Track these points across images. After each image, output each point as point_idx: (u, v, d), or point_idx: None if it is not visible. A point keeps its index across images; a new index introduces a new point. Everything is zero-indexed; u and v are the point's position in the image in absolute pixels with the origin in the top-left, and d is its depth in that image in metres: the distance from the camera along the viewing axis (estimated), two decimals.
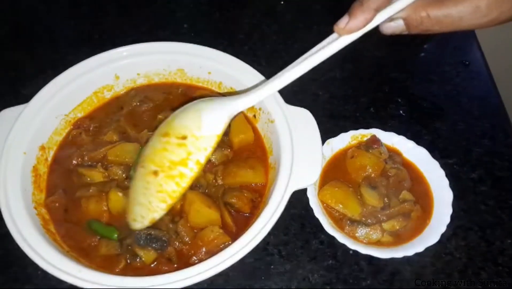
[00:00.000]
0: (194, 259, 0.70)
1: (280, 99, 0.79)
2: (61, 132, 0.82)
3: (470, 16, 0.60)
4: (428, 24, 0.61)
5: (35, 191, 0.74)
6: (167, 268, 0.68)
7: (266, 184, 0.77)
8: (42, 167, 0.77)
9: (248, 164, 0.78)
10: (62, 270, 0.63)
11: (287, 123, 0.76)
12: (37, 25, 1.07)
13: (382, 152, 0.80)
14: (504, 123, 0.90)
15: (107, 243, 0.70)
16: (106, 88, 0.86)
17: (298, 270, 0.74)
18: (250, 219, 0.73)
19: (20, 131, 0.75)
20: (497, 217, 0.79)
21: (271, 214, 0.67)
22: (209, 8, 1.10)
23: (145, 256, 0.69)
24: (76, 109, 0.83)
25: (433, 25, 0.61)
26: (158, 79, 0.88)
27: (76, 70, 0.82)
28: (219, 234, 0.70)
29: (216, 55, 0.84)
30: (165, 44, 0.86)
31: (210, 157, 0.64)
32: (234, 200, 0.74)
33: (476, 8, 0.59)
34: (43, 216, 0.72)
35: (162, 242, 0.69)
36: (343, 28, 0.60)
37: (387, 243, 0.74)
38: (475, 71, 0.98)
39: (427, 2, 0.61)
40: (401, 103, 0.93)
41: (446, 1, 0.60)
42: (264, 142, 0.81)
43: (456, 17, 0.60)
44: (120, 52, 0.84)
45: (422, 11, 0.61)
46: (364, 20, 0.60)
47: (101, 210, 0.73)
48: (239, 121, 0.82)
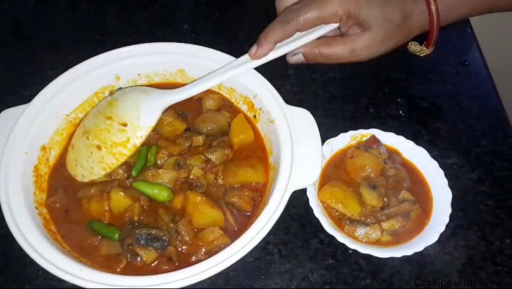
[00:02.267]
0: (194, 258, 0.70)
1: (280, 100, 0.79)
2: (62, 133, 0.82)
3: (348, 56, 0.82)
4: (320, 59, 0.83)
5: (37, 191, 0.74)
6: (167, 268, 0.69)
7: (266, 183, 0.77)
8: (43, 167, 0.77)
9: (248, 163, 0.78)
10: (64, 270, 0.63)
11: (287, 124, 0.77)
12: (37, 25, 1.07)
13: (381, 152, 0.80)
14: (503, 123, 0.90)
15: (108, 243, 0.70)
16: (107, 89, 0.86)
17: (298, 269, 0.74)
18: (251, 218, 0.73)
19: (21, 132, 0.75)
20: (496, 216, 0.79)
21: (271, 213, 0.67)
22: (209, 8, 1.10)
23: (145, 255, 0.69)
24: (77, 110, 0.83)
25: (323, 59, 0.83)
26: (158, 79, 0.89)
27: (76, 71, 0.82)
28: (219, 235, 0.70)
29: (217, 56, 0.84)
30: (166, 44, 0.86)
31: (143, 142, 0.77)
32: (236, 199, 0.74)
33: (352, 50, 0.81)
34: (44, 216, 0.72)
35: (163, 241, 0.69)
36: (254, 54, 0.80)
37: (386, 242, 0.74)
38: (475, 71, 0.98)
39: (319, 42, 0.82)
40: (401, 103, 0.93)
41: (332, 42, 0.82)
42: (264, 142, 0.82)
43: (339, 55, 0.82)
44: (120, 52, 0.85)
45: (315, 48, 0.82)
46: (267, 49, 0.79)
47: (103, 210, 0.73)
48: (239, 121, 0.82)
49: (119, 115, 0.78)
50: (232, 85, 0.85)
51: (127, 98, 0.79)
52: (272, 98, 0.80)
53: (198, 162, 0.78)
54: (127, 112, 0.78)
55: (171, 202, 0.75)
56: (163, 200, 0.74)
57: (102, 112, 0.79)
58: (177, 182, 0.76)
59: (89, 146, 0.77)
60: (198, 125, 0.82)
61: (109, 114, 0.78)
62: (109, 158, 0.76)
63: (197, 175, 0.76)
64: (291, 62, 0.86)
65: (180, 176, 0.76)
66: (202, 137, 0.81)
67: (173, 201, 0.75)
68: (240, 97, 0.85)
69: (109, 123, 0.77)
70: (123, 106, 0.78)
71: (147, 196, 0.74)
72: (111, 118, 0.78)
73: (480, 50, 1.01)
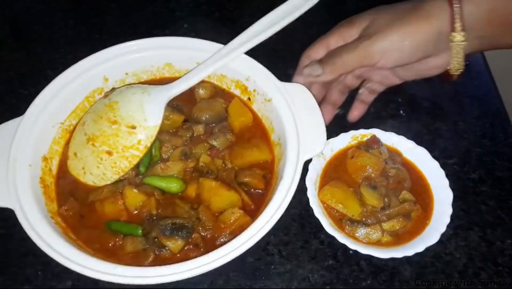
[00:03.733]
0: (220, 241, 0.71)
1: (274, 78, 0.80)
2: (59, 141, 0.81)
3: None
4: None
5: (47, 201, 0.74)
6: (195, 254, 0.69)
7: (273, 160, 0.79)
8: (48, 178, 0.77)
9: (252, 143, 0.80)
10: (99, 271, 0.63)
11: (285, 100, 0.78)
12: (36, 25, 1.07)
13: (382, 152, 0.80)
14: (504, 123, 0.90)
15: (132, 240, 0.70)
16: (97, 92, 0.85)
17: (298, 270, 0.74)
18: (265, 195, 0.75)
19: (21, 145, 0.74)
20: (497, 217, 0.79)
21: (289, 185, 0.69)
22: (209, 8, 1.10)
23: (173, 245, 0.69)
24: (70, 116, 0.83)
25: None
26: (146, 76, 0.88)
27: (64, 78, 0.81)
28: (240, 214, 0.71)
29: (202, 45, 0.84)
30: (149, 40, 0.86)
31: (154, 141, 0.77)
32: (248, 178, 0.75)
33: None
34: (60, 224, 0.72)
35: (188, 229, 0.70)
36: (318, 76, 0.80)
37: (387, 243, 0.74)
38: (476, 71, 0.97)
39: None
40: (401, 103, 0.93)
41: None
42: (263, 122, 0.83)
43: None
44: (105, 53, 0.84)
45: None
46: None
47: (119, 209, 0.74)
48: (236, 105, 0.83)
49: (125, 118, 0.76)
50: (222, 71, 0.85)
51: (129, 100, 0.78)
52: (266, 78, 0.81)
53: (203, 150, 0.79)
54: (133, 114, 0.77)
55: (184, 192, 0.76)
56: (176, 191, 0.75)
57: (104, 117, 0.77)
58: (187, 172, 0.77)
59: (97, 153, 0.76)
60: (196, 115, 0.83)
61: (113, 119, 0.76)
62: (122, 162, 0.76)
63: (206, 162, 0.77)
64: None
65: (188, 165, 0.77)
66: (202, 126, 0.82)
67: (187, 191, 0.76)
68: (231, 82, 0.85)
69: (116, 127, 0.76)
70: (126, 109, 0.77)
71: (160, 189, 0.75)
72: (116, 122, 0.76)
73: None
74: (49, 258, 0.65)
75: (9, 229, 0.76)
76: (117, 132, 0.76)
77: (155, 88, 0.80)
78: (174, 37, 0.86)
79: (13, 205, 0.68)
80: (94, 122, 0.78)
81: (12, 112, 0.78)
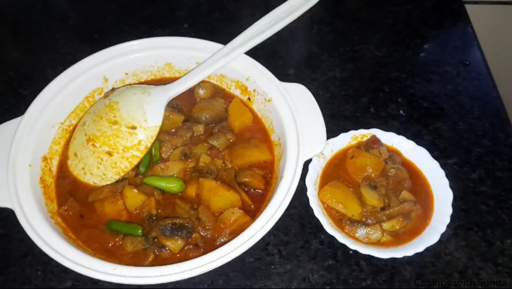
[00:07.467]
0: (220, 241, 0.71)
1: (274, 78, 0.80)
2: (59, 142, 0.81)
3: None
4: None
5: (47, 202, 0.74)
6: (195, 254, 0.69)
7: (273, 160, 0.79)
8: (48, 178, 0.77)
9: (252, 143, 0.80)
10: (98, 271, 0.63)
11: (285, 100, 0.78)
12: (36, 25, 1.07)
13: (382, 152, 0.80)
14: (504, 123, 0.90)
15: (132, 240, 0.71)
16: (97, 92, 0.85)
17: (298, 270, 0.74)
18: (265, 195, 0.75)
19: (21, 145, 0.75)
20: (497, 217, 0.79)
21: (289, 184, 0.69)
22: (209, 8, 1.10)
23: (172, 245, 0.70)
24: (70, 117, 0.83)
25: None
26: (146, 76, 0.89)
27: (64, 78, 0.81)
28: (240, 214, 0.71)
29: (202, 45, 0.85)
30: (150, 40, 0.86)
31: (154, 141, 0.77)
32: (248, 178, 0.75)
33: None
34: (61, 224, 0.72)
35: (187, 229, 0.70)
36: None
37: (387, 243, 0.74)
38: (476, 71, 0.97)
39: None
40: (401, 103, 0.93)
41: None
42: (263, 122, 0.83)
43: None
44: (106, 53, 0.84)
45: None
46: None
47: (119, 209, 0.74)
48: (236, 105, 0.83)
49: (125, 119, 0.76)
50: (222, 71, 0.85)
51: (129, 101, 0.78)
52: (266, 78, 0.81)
53: (203, 150, 0.79)
54: (133, 115, 0.77)
55: (184, 192, 0.76)
56: (176, 191, 0.75)
57: (104, 117, 0.77)
58: (187, 172, 0.77)
59: (98, 153, 0.76)
60: (196, 115, 0.83)
61: (114, 119, 0.76)
62: (122, 162, 0.76)
63: (206, 162, 0.77)
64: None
65: (188, 165, 0.77)
66: (202, 126, 0.82)
67: (186, 191, 0.76)
68: (231, 82, 0.86)
69: (116, 128, 0.76)
70: (127, 109, 0.77)
71: (160, 189, 0.75)
72: (117, 123, 0.76)
73: (481, 50, 1.01)
74: (49, 258, 0.65)
75: (9, 229, 0.77)
76: (118, 133, 0.76)
77: (155, 89, 0.80)
78: (174, 37, 0.86)
79: (13, 205, 0.69)
80: (94, 122, 0.78)
81: (12, 112, 0.78)
